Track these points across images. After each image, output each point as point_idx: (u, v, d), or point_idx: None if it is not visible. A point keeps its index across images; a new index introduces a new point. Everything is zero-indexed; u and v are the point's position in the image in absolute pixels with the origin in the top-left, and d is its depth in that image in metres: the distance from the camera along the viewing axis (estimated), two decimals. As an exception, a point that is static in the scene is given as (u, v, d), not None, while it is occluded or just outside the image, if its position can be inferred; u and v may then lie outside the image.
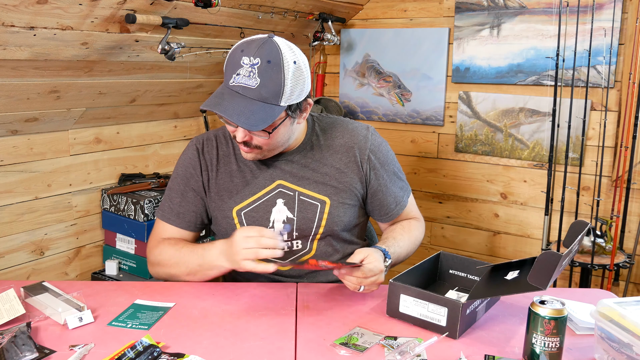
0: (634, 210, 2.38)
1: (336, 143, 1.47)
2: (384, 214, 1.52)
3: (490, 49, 2.57)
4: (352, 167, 1.45)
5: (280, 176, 1.43)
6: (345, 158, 1.45)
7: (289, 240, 1.44)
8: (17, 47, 1.67)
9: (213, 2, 1.87)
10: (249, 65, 1.23)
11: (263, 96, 1.23)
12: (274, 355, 1.08)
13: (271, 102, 1.24)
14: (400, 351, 1.08)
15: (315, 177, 1.44)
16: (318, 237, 1.45)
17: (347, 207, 1.45)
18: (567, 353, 1.10)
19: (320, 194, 1.43)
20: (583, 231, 1.19)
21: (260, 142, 1.32)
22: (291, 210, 1.42)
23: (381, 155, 1.48)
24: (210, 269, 1.35)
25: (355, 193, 1.46)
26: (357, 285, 1.27)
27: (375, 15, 2.86)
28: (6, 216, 2.11)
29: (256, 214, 1.43)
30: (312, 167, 1.44)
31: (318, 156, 1.45)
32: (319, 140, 1.47)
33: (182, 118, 2.78)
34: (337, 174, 1.44)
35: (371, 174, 1.47)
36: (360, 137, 1.47)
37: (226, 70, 1.27)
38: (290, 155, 1.44)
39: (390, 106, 2.88)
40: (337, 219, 1.44)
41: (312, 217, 1.43)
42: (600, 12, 2.31)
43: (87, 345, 1.09)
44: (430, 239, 2.91)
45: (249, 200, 1.43)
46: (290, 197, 1.43)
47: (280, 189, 1.43)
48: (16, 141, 2.09)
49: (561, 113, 2.42)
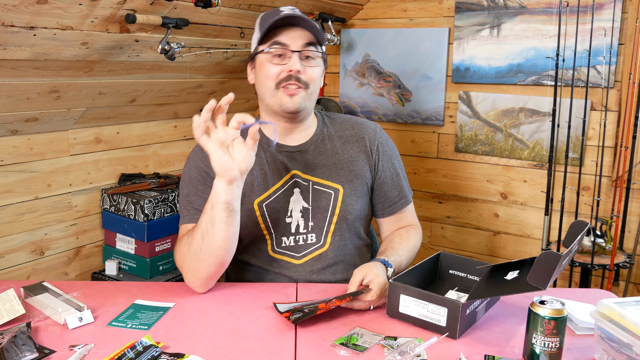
0: (634, 210, 2.38)
1: (347, 134, 1.52)
2: (387, 206, 1.54)
3: (490, 49, 2.57)
4: (362, 156, 1.51)
5: (294, 167, 1.46)
6: (356, 147, 1.51)
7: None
8: (17, 47, 1.67)
9: (213, 2, 1.87)
10: (289, 8, 1.38)
11: (310, 23, 1.35)
12: (274, 355, 1.08)
13: (318, 33, 1.37)
14: (400, 351, 1.08)
15: (328, 166, 1.48)
16: (332, 230, 1.46)
17: (359, 196, 1.49)
18: (567, 353, 1.10)
19: (334, 182, 1.47)
20: (583, 231, 1.19)
21: (309, 77, 1.38)
22: (306, 200, 1.45)
23: (389, 149, 1.55)
24: (212, 210, 1.26)
25: (366, 182, 1.51)
26: (367, 306, 1.27)
27: (375, 15, 2.86)
28: (6, 216, 2.11)
29: (276, 204, 1.45)
30: (324, 156, 1.48)
31: (330, 146, 1.50)
32: (329, 131, 1.52)
33: (182, 118, 2.78)
34: (349, 162, 1.49)
35: (379, 163, 1.52)
36: (370, 130, 1.54)
37: (265, 22, 1.36)
38: (303, 146, 1.48)
39: (390, 106, 2.88)
40: (350, 207, 1.47)
41: (327, 206, 1.46)
42: (600, 12, 2.31)
43: (87, 346, 1.09)
44: (430, 239, 2.91)
45: (269, 192, 1.45)
46: (305, 187, 1.46)
47: (295, 179, 1.46)
48: (16, 141, 2.09)
49: (561, 113, 2.42)
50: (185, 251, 1.32)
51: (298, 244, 1.46)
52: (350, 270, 1.47)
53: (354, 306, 1.27)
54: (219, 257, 1.29)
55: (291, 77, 1.36)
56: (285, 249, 1.46)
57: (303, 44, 1.37)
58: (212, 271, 1.31)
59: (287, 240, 1.46)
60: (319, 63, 1.41)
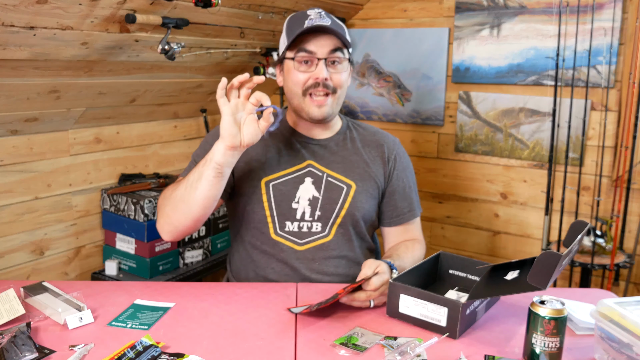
0: (634, 210, 2.38)
1: (368, 139, 1.58)
2: (395, 215, 1.57)
3: (490, 48, 2.57)
4: (378, 161, 1.56)
5: (312, 157, 1.51)
6: (374, 152, 1.56)
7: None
8: (17, 47, 1.67)
9: (213, 2, 1.87)
10: (316, 12, 1.41)
11: (337, 29, 1.39)
12: (274, 355, 1.08)
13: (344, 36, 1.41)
14: (400, 351, 1.08)
15: (345, 163, 1.52)
16: (338, 222, 1.48)
17: (370, 197, 1.52)
18: (567, 353, 1.10)
19: (348, 178, 1.51)
20: (583, 231, 1.19)
21: (336, 82, 1.42)
22: (318, 190, 1.49)
23: (405, 161, 1.60)
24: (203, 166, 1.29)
25: (378, 185, 1.54)
26: (367, 300, 1.27)
27: (375, 15, 2.86)
28: (6, 216, 2.11)
29: (284, 187, 1.48)
30: (342, 154, 1.53)
31: (350, 146, 1.55)
32: (352, 133, 1.58)
33: (182, 118, 2.78)
34: (365, 163, 1.54)
35: (394, 172, 1.57)
36: (390, 140, 1.60)
37: (291, 28, 1.41)
38: (324, 141, 1.53)
39: (390, 106, 2.88)
40: (359, 205, 1.50)
41: (337, 199, 1.49)
42: (600, 12, 2.30)
43: (87, 345, 1.09)
44: (430, 239, 2.91)
45: (280, 174, 1.49)
46: (319, 178, 1.49)
47: (310, 168, 1.50)
48: (16, 141, 2.09)
49: (561, 113, 2.42)
50: (168, 195, 1.37)
51: (302, 230, 1.47)
52: (354, 267, 1.48)
53: (354, 301, 1.27)
54: (193, 212, 1.32)
55: (318, 84, 1.41)
56: (288, 233, 1.47)
57: (329, 51, 1.41)
58: (182, 223, 1.35)
59: (291, 225, 1.47)
60: (346, 67, 1.46)
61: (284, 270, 1.48)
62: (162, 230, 1.40)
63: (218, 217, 2.62)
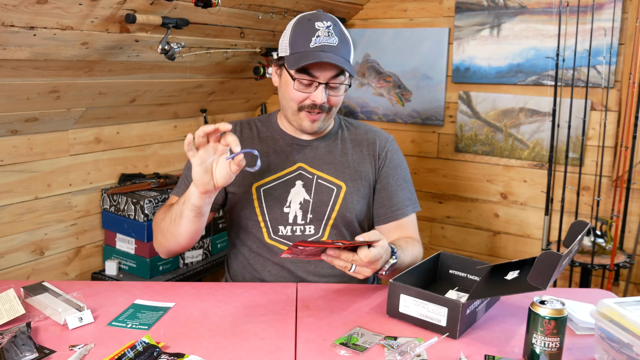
0: (634, 210, 2.38)
1: (360, 137, 1.58)
2: (382, 213, 1.55)
3: (490, 49, 2.57)
4: (369, 159, 1.55)
5: (302, 160, 1.51)
6: (366, 150, 1.56)
7: None
8: (17, 47, 1.67)
9: (213, 2, 1.87)
10: (324, 27, 1.39)
11: (342, 52, 1.40)
12: (274, 355, 1.08)
13: (348, 58, 1.42)
14: (400, 351, 1.08)
15: (335, 165, 1.52)
16: (331, 223, 1.48)
17: (361, 197, 1.52)
18: (567, 353, 1.10)
19: (338, 179, 1.50)
20: (583, 231, 1.19)
21: (332, 103, 1.43)
22: (308, 193, 1.48)
23: (397, 159, 1.58)
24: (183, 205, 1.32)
25: (370, 184, 1.54)
26: (348, 264, 1.21)
27: (375, 15, 2.86)
28: (6, 216, 2.11)
29: (275, 191, 1.48)
30: (333, 155, 1.53)
31: (341, 147, 1.55)
32: (343, 134, 1.57)
33: (182, 118, 2.78)
34: (356, 164, 1.53)
35: (384, 169, 1.55)
36: (383, 137, 1.59)
37: (297, 39, 1.39)
38: (315, 142, 1.53)
39: (390, 106, 2.88)
40: (351, 206, 1.49)
41: (327, 201, 1.48)
42: (600, 12, 2.30)
43: (87, 346, 1.09)
44: (431, 239, 2.91)
45: (270, 178, 1.49)
46: (309, 180, 1.49)
47: (300, 171, 1.50)
48: (16, 141, 2.09)
49: (561, 113, 2.42)
50: (159, 221, 1.44)
51: (295, 234, 1.48)
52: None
53: (337, 259, 1.20)
54: (180, 242, 1.40)
55: (315, 106, 1.41)
56: (281, 237, 1.48)
57: (331, 76, 1.40)
58: (173, 248, 1.43)
59: (285, 229, 1.48)
60: (344, 88, 1.45)
61: (281, 273, 1.48)
62: (158, 251, 1.49)
63: (218, 217, 2.62)
